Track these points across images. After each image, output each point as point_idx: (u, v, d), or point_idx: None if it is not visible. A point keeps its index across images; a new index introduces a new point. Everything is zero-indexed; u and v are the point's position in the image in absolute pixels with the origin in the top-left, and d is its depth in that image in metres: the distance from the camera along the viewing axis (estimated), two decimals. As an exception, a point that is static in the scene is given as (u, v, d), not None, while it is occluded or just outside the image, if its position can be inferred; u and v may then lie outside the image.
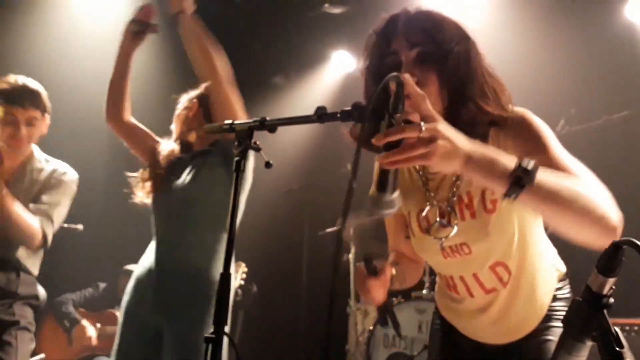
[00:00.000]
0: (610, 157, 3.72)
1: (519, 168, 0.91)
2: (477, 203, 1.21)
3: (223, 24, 1.95)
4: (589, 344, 0.78)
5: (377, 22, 1.26)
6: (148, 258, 1.96)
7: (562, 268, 1.35)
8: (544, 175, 0.94)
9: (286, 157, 4.49)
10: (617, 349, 0.73)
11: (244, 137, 1.12)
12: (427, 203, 1.26)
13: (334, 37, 4.81)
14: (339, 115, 1.09)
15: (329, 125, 1.19)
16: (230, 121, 1.18)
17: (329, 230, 3.87)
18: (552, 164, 1.06)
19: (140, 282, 1.94)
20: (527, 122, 1.16)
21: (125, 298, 1.97)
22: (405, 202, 1.31)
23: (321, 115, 1.09)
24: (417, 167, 1.29)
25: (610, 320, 0.76)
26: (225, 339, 1.06)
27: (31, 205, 2.07)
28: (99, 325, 3.85)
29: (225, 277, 1.09)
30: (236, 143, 1.11)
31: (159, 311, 1.86)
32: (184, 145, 2.08)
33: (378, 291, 1.25)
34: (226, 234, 2.00)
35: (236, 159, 1.11)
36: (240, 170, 1.11)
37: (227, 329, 1.07)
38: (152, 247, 1.98)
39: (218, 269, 1.88)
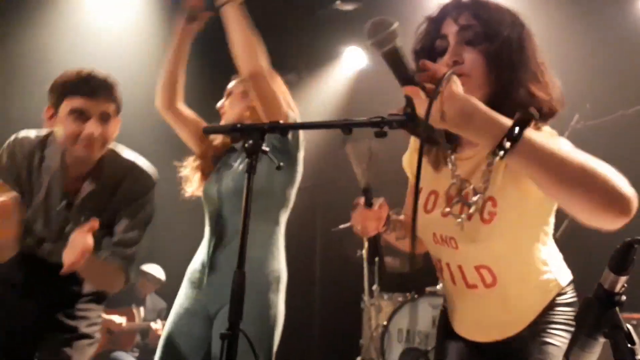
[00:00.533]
0: (626, 151, 3.68)
1: (512, 127, 0.92)
2: (477, 208, 1.18)
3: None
4: (602, 340, 0.79)
5: (392, 16, 1.24)
6: (202, 250, 1.91)
7: (565, 280, 1.28)
8: (536, 136, 0.92)
9: (299, 154, 4.51)
10: (629, 345, 0.73)
11: (256, 139, 1.11)
12: (454, 181, 1.23)
13: (346, 33, 4.81)
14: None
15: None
16: (239, 124, 1.19)
17: (341, 226, 3.88)
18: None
19: (194, 274, 1.88)
20: (554, 135, 1.12)
21: (181, 292, 1.91)
22: (424, 178, 1.25)
23: (345, 124, 1.07)
24: (449, 152, 1.26)
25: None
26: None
27: (107, 244, 1.73)
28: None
29: (241, 274, 1.10)
30: (246, 145, 1.12)
31: (212, 304, 1.81)
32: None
33: (370, 223, 1.31)
34: (278, 226, 2.00)
35: (247, 160, 1.11)
36: (252, 170, 1.11)
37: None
38: (205, 238, 1.93)
39: (273, 260, 1.86)
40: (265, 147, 1.14)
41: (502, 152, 0.91)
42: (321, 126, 1.45)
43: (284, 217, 1.96)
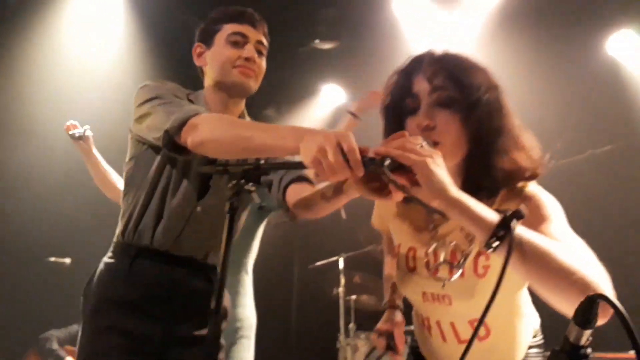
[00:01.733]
0: (595, 190, 3.78)
1: (501, 224, 0.87)
2: (469, 265, 1.15)
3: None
4: None
5: (369, 56, 1.27)
6: None
7: (537, 322, 1.29)
8: (525, 233, 0.89)
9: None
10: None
11: (238, 179, 1.10)
12: (434, 242, 1.20)
13: (324, 71, 4.92)
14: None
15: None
16: (224, 162, 1.18)
17: (318, 263, 3.86)
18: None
19: None
20: (532, 197, 1.07)
21: None
22: (399, 229, 1.28)
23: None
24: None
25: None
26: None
27: None
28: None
29: (217, 315, 1.07)
30: (230, 185, 1.10)
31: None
32: None
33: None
34: (247, 275, 2.00)
35: (230, 200, 1.10)
36: (234, 211, 1.10)
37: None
38: None
39: (241, 307, 1.89)
40: (250, 187, 1.12)
41: (491, 250, 0.89)
42: (289, 166, 1.43)
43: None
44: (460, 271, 1.14)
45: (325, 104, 5.16)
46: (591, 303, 0.72)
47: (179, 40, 4.50)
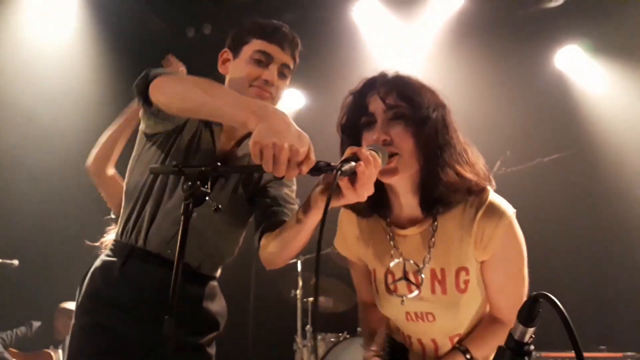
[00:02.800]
0: (543, 195, 3.95)
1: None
2: (450, 282, 1.23)
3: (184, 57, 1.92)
4: None
5: (329, 61, 1.32)
6: None
7: None
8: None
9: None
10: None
11: (194, 181, 1.09)
12: (393, 257, 1.27)
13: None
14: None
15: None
16: (178, 165, 1.16)
17: (276, 265, 3.86)
18: (518, 285, 1.22)
19: None
20: (513, 232, 1.21)
21: None
22: (370, 255, 1.34)
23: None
24: (387, 223, 1.30)
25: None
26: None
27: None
28: (32, 365, 3.65)
29: (169, 321, 1.05)
30: (185, 187, 1.09)
31: None
32: None
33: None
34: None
35: (185, 202, 1.09)
36: (189, 213, 1.09)
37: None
38: None
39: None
40: (206, 189, 1.12)
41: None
42: (248, 170, 1.45)
43: None
44: (417, 290, 1.24)
45: (285, 108, 5.17)
46: (534, 302, 0.75)
47: (133, 30, 4.46)
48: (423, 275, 1.25)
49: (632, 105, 4.19)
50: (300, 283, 3.78)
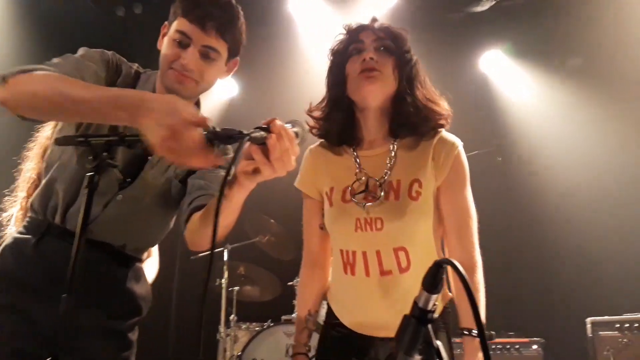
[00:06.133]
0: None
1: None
2: (404, 190, 1.40)
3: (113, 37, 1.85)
4: (417, 358, 0.82)
5: (263, 51, 1.34)
6: None
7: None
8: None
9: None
10: (437, 361, 0.80)
11: (100, 152, 1.03)
12: (357, 176, 1.46)
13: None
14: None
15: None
16: (84, 135, 1.09)
17: (201, 254, 3.80)
18: (462, 201, 1.43)
19: None
20: (464, 160, 1.47)
21: None
22: (331, 179, 1.50)
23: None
24: (353, 147, 1.51)
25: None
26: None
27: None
28: None
29: (69, 299, 1.00)
30: (90, 157, 1.03)
31: None
32: None
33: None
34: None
35: (89, 174, 1.02)
36: (94, 186, 1.02)
37: None
38: None
39: None
40: (114, 162, 1.06)
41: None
42: None
43: None
44: (382, 193, 1.41)
45: (219, 95, 5.09)
46: (437, 269, 0.75)
47: (58, 8, 4.21)
48: (383, 191, 1.41)
49: (547, 107, 4.48)
50: (226, 273, 3.75)
